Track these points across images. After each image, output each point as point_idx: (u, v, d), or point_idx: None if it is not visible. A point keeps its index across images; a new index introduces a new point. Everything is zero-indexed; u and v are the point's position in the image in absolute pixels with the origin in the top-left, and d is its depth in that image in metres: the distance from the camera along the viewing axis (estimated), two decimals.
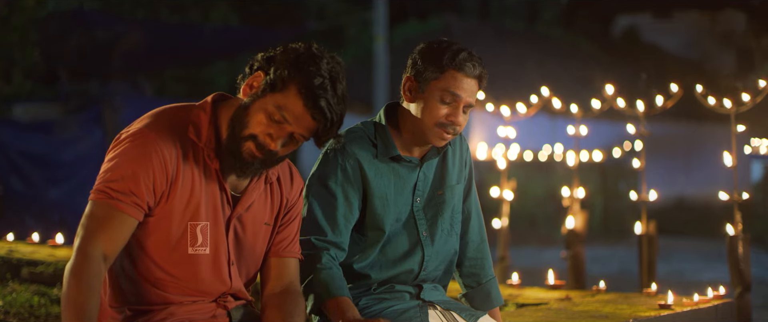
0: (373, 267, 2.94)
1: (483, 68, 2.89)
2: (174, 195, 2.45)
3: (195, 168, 2.48)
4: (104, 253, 2.37)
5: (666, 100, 5.64)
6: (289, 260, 2.68)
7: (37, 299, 4.77)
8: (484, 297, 3.13)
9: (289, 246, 2.69)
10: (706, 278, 9.39)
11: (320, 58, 2.47)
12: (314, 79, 2.43)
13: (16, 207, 9.81)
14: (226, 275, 2.56)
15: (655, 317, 3.94)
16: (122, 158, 2.41)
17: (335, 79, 2.47)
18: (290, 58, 2.47)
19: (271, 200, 2.63)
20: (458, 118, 2.86)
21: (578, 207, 6.09)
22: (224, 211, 2.54)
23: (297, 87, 2.43)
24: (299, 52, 2.48)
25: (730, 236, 4.96)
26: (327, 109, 2.43)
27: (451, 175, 3.03)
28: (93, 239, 2.36)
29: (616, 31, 22.73)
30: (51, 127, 10.64)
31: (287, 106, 2.43)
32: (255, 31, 13.94)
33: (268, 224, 2.64)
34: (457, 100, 2.85)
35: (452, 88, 2.84)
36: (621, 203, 13.49)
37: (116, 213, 2.38)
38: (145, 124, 2.46)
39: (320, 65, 2.46)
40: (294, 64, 2.45)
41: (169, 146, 2.44)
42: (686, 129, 18.34)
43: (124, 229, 2.39)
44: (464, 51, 2.87)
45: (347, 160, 2.89)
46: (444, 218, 3.01)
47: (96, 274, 2.33)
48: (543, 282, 5.03)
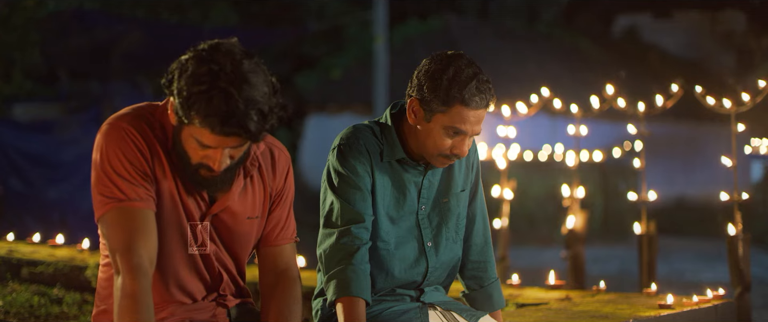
0: (376, 278, 2.90)
1: (492, 94, 2.77)
2: (156, 189, 2.43)
3: (170, 166, 2.44)
4: (149, 257, 2.32)
5: (666, 100, 5.64)
6: (282, 248, 2.64)
7: (37, 299, 4.77)
8: (486, 299, 3.10)
9: (280, 233, 2.63)
10: (706, 278, 9.39)
11: (208, 70, 2.24)
12: (211, 100, 2.23)
13: (16, 207, 9.80)
14: (221, 268, 2.56)
15: (655, 317, 3.94)
16: (107, 159, 2.36)
17: (234, 82, 2.24)
18: (181, 81, 2.28)
19: (252, 194, 2.56)
20: (463, 149, 2.80)
21: (578, 207, 6.09)
22: (200, 208, 2.50)
23: (199, 119, 2.26)
24: (187, 72, 2.27)
25: (730, 236, 4.96)
26: (239, 124, 2.25)
27: (457, 182, 2.98)
28: (134, 249, 2.30)
29: (616, 31, 22.71)
30: (51, 127, 10.64)
31: (201, 137, 2.30)
32: (255, 32, 13.93)
33: (252, 218, 2.57)
34: (463, 134, 2.78)
35: (458, 124, 2.75)
36: (621, 203, 13.47)
37: (134, 212, 2.33)
38: (119, 116, 2.42)
39: (209, 79, 2.24)
40: (186, 89, 2.26)
41: (143, 139, 2.40)
42: (686, 129, 18.33)
43: (148, 224, 2.34)
44: (473, 80, 2.72)
45: (361, 154, 2.84)
46: (449, 227, 2.97)
47: (147, 290, 2.28)
48: (543, 282, 5.02)
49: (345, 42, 18.36)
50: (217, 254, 2.56)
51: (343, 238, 2.77)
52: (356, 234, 2.78)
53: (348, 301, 2.72)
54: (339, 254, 2.77)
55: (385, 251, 2.90)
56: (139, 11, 14.66)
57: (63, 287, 5.02)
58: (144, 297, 2.27)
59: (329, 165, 2.88)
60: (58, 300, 4.80)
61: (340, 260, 2.76)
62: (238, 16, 16.48)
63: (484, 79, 2.75)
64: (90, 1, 13.98)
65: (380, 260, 2.90)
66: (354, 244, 2.77)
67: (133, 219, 2.32)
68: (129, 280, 2.28)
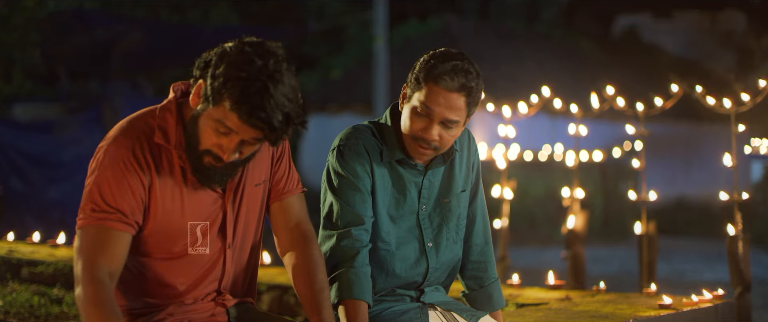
0: (377, 278, 2.90)
1: (472, 82, 2.73)
2: (155, 201, 2.45)
3: (170, 170, 2.47)
4: (110, 272, 2.36)
5: (666, 100, 5.64)
6: (291, 200, 2.68)
7: (37, 299, 4.77)
8: (486, 300, 3.09)
9: (286, 186, 2.67)
10: (706, 278, 9.40)
11: (251, 61, 2.32)
12: (249, 89, 2.30)
13: (16, 207, 9.81)
14: (220, 263, 2.57)
15: (655, 317, 3.94)
16: (99, 179, 2.40)
17: (273, 78, 2.32)
18: (222, 65, 2.34)
19: (255, 160, 2.58)
20: (431, 134, 2.76)
21: (578, 207, 6.08)
22: (214, 200, 2.52)
23: (230, 102, 2.32)
24: (230, 58, 2.34)
25: (730, 236, 4.96)
26: (266, 119, 2.31)
27: (458, 182, 2.97)
28: (96, 264, 2.34)
29: (616, 31, 22.73)
30: (51, 127, 10.64)
31: (226, 120, 2.34)
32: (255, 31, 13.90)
33: (260, 183, 2.61)
34: (430, 114, 2.75)
35: (426, 101, 2.74)
36: (621, 203, 13.49)
37: (109, 232, 2.37)
38: (114, 139, 2.45)
39: (251, 70, 2.31)
40: (225, 73, 2.32)
41: (139, 157, 2.43)
42: (686, 129, 18.34)
43: (120, 245, 2.39)
44: (452, 61, 2.73)
45: (361, 155, 2.84)
46: (449, 227, 2.97)
47: (111, 297, 2.32)
48: (543, 282, 5.03)
49: (345, 42, 18.36)
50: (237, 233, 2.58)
51: (343, 240, 2.78)
52: (356, 236, 2.79)
53: (350, 304, 2.72)
54: (340, 256, 2.77)
55: (385, 251, 2.89)
56: (139, 11, 14.68)
57: (63, 287, 5.03)
58: (110, 304, 2.30)
59: (329, 166, 2.88)
60: (58, 300, 4.81)
61: (341, 262, 2.77)
62: (238, 16, 16.50)
63: (463, 67, 2.73)
64: (90, 1, 14.00)
65: (381, 261, 2.89)
66: (354, 246, 2.78)
67: (106, 238, 2.37)
68: (91, 289, 2.31)
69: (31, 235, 6.11)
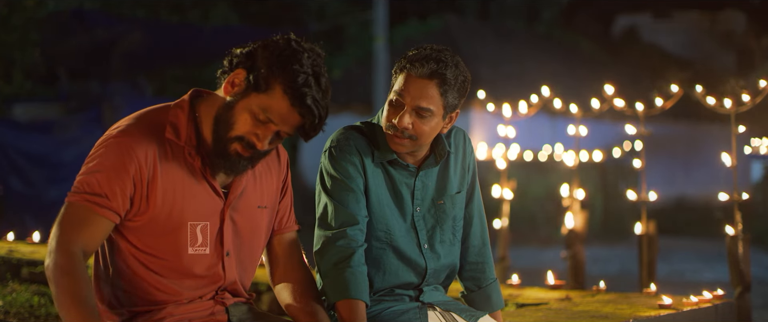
0: (374, 278, 2.89)
1: (445, 70, 2.74)
2: (155, 197, 2.46)
3: (177, 168, 2.48)
4: (84, 250, 2.40)
5: (666, 100, 5.64)
6: (290, 235, 2.75)
7: (37, 299, 4.77)
8: (485, 300, 3.08)
9: (288, 222, 2.74)
10: (706, 278, 9.40)
11: (301, 54, 2.43)
12: (298, 77, 2.40)
13: (16, 207, 9.82)
14: (219, 268, 2.57)
15: (655, 317, 3.94)
16: (99, 164, 2.43)
17: (318, 74, 2.44)
18: (271, 55, 2.43)
19: (260, 183, 2.63)
20: (402, 121, 2.75)
21: (578, 207, 6.08)
22: (215, 203, 2.54)
23: (282, 87, 2.41)
24: (280, 49, 2.43)
25: (730, 236, 4.96)
26: (314, 106, 2.42)
27: (452, 184, 2.97)
28: (73, 238, 2.38)
29: (616, 31, 22.73)
30: (51, 127, 10.65)
31: (272, 106, 2.41)
32: (255, 31, 13.94)
33: (263, 207, 2.64)
34: (402, 103, 2.77)
35: (398, 89, 2.78)
36: (621, 203, 13.48)
37: (92, 215, 2.40)
38: (123, 129, 2.47)
39: (302, 61, 2.42)
40: (276, 62, 2.42)
41: (144, 150, 2.44)
42: (686, 129, 18.34)
43: (99, 230, 2.42)
44: (427, 51, 2.77)
45: (352, 155, 2.84)
46: (444, 229, 2.96)
47: (84, 269, 2.37)
48: (543, 282, 5.03)
49: (345, 42, 18.36)
50: (234, 246, 2.59)
51: (338, 240, 2.78)
52: (352, 236, 2.79)
53: (347, 303, 2.73)
54: (336, 256, 2.77)
55: (381, 250, 2.89)
56: (139, 11, 14.69)
57: None
58: (82, 274, 2.34)
59: (322, 167, 2.88)
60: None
61: (337, 262, 2.77)
62: (238, 16, 16.51)
63: (437, 56, 2.75)
64: (90, 1, 14.00)
65: (377, 261, 2.89)
66: (350, 246, 2.78)
67: (88, 219, 2.40)
68: (65, 259, 2.36)
69: (31, 235, 6.11)
